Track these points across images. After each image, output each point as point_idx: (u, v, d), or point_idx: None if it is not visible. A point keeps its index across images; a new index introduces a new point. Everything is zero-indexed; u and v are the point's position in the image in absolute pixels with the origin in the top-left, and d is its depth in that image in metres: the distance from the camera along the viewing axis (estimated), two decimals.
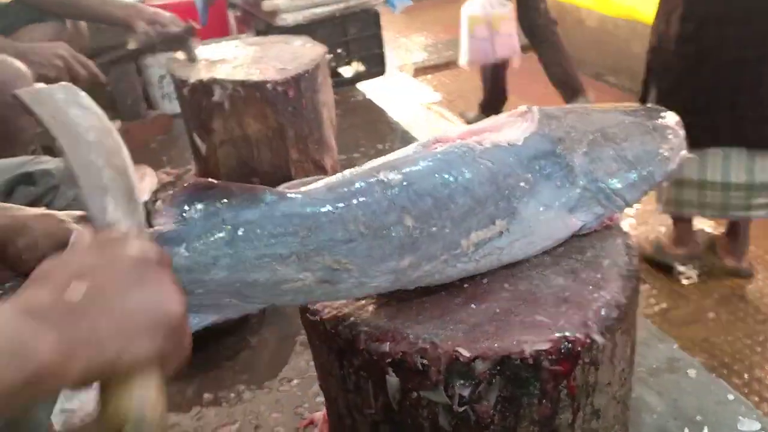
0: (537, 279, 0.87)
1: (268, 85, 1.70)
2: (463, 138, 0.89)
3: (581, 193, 0.91)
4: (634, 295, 0.86)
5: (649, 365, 1.27)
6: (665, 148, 0.95)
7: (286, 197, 0.77)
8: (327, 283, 0.78)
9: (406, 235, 0.80)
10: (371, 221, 0.78)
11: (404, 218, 0.80)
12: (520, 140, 0.90)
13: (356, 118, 2.59)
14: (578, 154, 0.92)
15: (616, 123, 0.99)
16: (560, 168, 0.90)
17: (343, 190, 0.80)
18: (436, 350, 0.77)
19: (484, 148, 0.87)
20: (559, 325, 0.79)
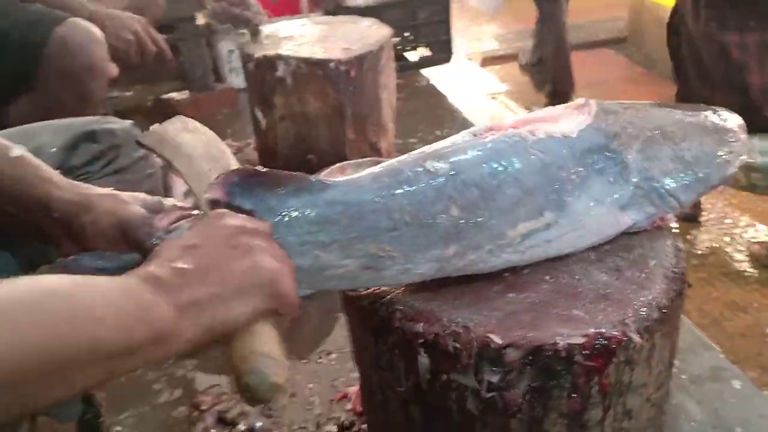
0: (579, 273, 0.86)
1: (331, 63, 1.71)
2: (515, 127, 0.88)
3: (634, 191, 0.90)
4: (678, 298, 0.84)
5: (691, 372, 1.24)
6: (725, 151, 0.93)
7: (329, 186, 0.78)
8: (371, 270, 0.79)
9: (451, 225, 0.80)
10: (416, 210, 0.79)
11: (450, 208, 0.80)
12: (574, 132, 0.89)
13: (418, 103, 2.58)
14: (634, 150, 0.90)
15: (676, 122, 0.96)
16: (614, 164, 0.89)
17: (388, 179, 0.81)
18: (469, 334, 0.77)
19: (537, 138, 0.87)
20: (596, 321, 0.78)
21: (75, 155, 0.85)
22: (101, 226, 0.72)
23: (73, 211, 0.72)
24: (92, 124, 0.89)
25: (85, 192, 0.74)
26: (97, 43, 1.33)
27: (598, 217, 0.88)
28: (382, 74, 1.82)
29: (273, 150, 1.87)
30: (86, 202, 0.72)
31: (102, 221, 0.72)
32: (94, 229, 0.72)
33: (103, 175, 0.87)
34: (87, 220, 0.72)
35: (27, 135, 0.86)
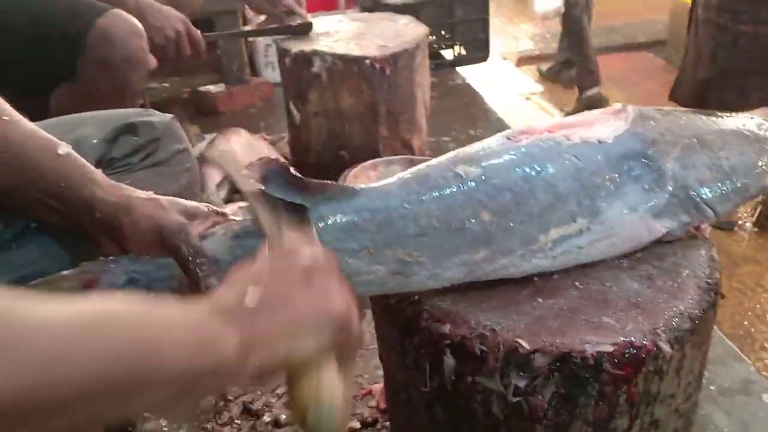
0: (610, 281, 0.85)
1: (367, 60, 1.72)
2: (550, 131, 0.88)
3: (669, 199, 0.88)
4: (710, 309, 0.83)
5: (721, 384, 1.22)
6: (764, 161, 0.91)
7: (357, 193, 0.79)
8: (399, 275, 0.80)
9: (481, 229, 0.80)
10: (445, 216, 0.79)
11: (480, 213, 0.80)
12: (610, 138, 0.88)
13: (452, 101, 2.58)
14: (671, 158, 0.89)
15: (716, 130, 0.94)
16: (650, 171, 0.87)
17: (416, 185, 0.81)
18: (496, 338, 0.77)
19: (572, 143, 0.86)
20: (626, 330, 0.77)
21: (115, 147, 0.87)
22: (140, 230, 0.73)
23: (114, 212, 0.74)
24: (133, 117, 0.91)
25: (126, 194, 0.75)
26: (137, 36, 1.35)
27: (632, 225, 0.87)
28: (417, 72, 1.82)
29: (306, 145, 1.88)
30: (127, 204, 0.74)
31: (141, 225, 0.73)
32: (133, 232, 0.74)
33: (142, 168, 0.88)
34: (127, 222, 0.74)
35: (70, 125, 0.88)
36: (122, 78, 1.34)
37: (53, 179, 0.73)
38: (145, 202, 0.75)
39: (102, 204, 0.74)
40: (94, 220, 0.74)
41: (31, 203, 0.75)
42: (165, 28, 1.63)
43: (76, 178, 0.74)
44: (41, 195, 0.74)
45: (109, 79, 1.33)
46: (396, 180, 0.83)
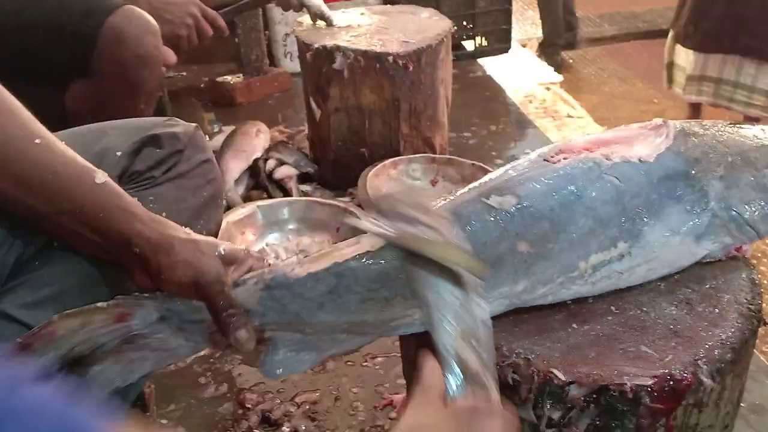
0: (647, 305, 0.82)
1: (389, 57, 1.68)
2: (589, 150, 0.84)
3: (711, 220, 0.85)
4: (752, 337, 0.80)
5: (752, 401, 1.18)
6: None
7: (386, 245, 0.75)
8: None
9: (519, 261, 0.77)
10: (481, 252, 0.76)
11: (517, 244, 0.77)
12: (652, 157, 0.84)
13: (472, 95, 2.53)
14: (714, 177, 0.85)
15: (759, 146, 0.90)
16: (693, 191, 0.84)
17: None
18: (530, 368, 0.74)
19: (612, 163, 0.82)
20: (666, 361, 0.74)
21: (139, 160, 0.85)
22: (177, 274, 0.72)
23: (153, 252, 0.72)
24: (156, 128, 0.88)
25: (167, 233, 0.73)
26: (150, 33, 1.32)
27: (673, 248, 0.83)
28: (440, 69, 1.78)
29: (326, 142, 1.85)
30: (167, 245, 0.72)
31: (178, 270, 0.72)
32: (170, 275, 0.72)
33: (165, 180, 0.86)
34: (164, 263, 0.72)
35: (95, 135, 0.86)
36: (136, 75, 1.32)
37: (91, 210, 0.71)
38: (185, 244, 0.73)
39: (140, 239, 0.72)
40: (131, 254, 0.73)
41: (66, 232, 0.73)
42: (181, 17, 1.59)
43: (113, 210, 0.72)
44: (77, 225, 0.72)
45: (123, 76, 1.31)
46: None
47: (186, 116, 2.44)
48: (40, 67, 1.35)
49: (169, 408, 1.22)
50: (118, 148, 0.83)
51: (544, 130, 2.44)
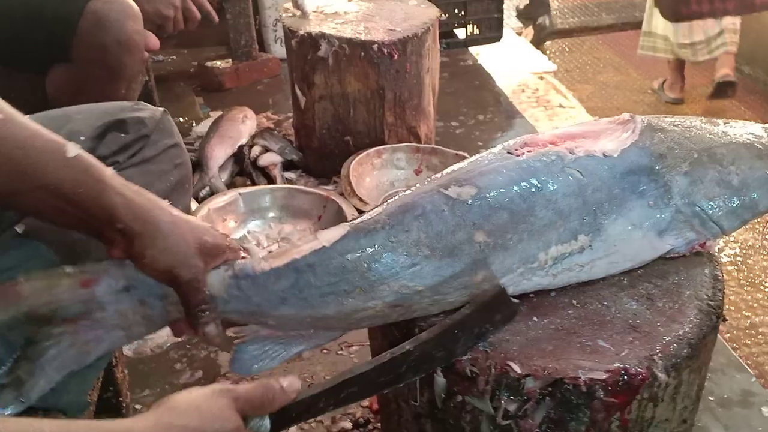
0: (609, 300, 0.83)
1: (374, 45, 1.68)
2: (554, 143, 0.85)
3: (674, 216, 0.85)
4: (711, 333, 0.81)
5: (720, 395, 1.19)
6: None
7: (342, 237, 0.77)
8: (400, 307, 0.78)
9: (477, 251, 0.77)
10: (436, 242, 0.76)
11: (475, 234, 0.77)
12: (617, 152, 0.85)
13: (462, 83, 2.52)
14: (679, 173, 0.86)
15: (727, 142, 0.91)
16: (656, 186, 0.84)
17: (401, 215, 0.78)
18: (487, 360, 0.75)
19: (576, 157, 0.83)
20: (622, 356, 0.74)
21: (103, 145, 0.84)
22: (158, 262, 0.72)
23: (138, 231, 0.71)
24: (123, 112, 0.88)
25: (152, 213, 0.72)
26: (131, 18, 1.32)
27: (635, 242, 0.84)
28: (426, 58, 1.78)
29: (311, 129, 1.85)
30: (153, 228, 0.72)
31: (160, 259, 0.72)
32: (151, 262, 0.72)
33: (129, 165, 0.85)
34: (148, 249, 0.71)
35: (62, 120, 0.85)
36: (116, 60, 1.31)
37: (69, 186, 0.69)
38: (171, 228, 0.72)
39: (124, 216, 0.70)
40: (113, 229, 0.71)
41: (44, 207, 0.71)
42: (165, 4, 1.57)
43: (92, 184, 0.70)
44: (55, 200, 0.70)
45: (103, 61, 1.31)
46: (382, 211, 0.80)
47: (175, 100, 2.46)
48: (20, 52, 1.34)
49: (143, 393, 1.23)
50: (82, 132, 0.83)
51: (535, 120, 2.44)
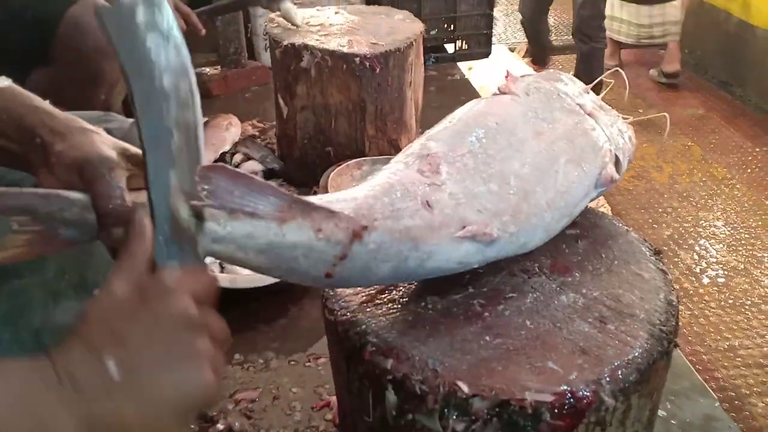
0: (561, 321, 0.83)
1: (356, 58, 1.69)
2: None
3: None
4: (662, 359, 0.81)
5: (683, 419, 1.20)
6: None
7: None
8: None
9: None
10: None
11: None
12: None
13: (448, 98, 2.53)
14: None
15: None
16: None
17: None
18: (436, 379, 0.75)
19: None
20: (569, 379, 0.75)
21: None
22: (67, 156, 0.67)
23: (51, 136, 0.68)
24: (90, 123, 0.89)
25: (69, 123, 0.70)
26: None
27: None
28: (408, 72, 1.79)
29: (292, 139, 1.86)
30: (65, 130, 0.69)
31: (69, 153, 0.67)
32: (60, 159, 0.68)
33: None
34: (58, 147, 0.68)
35: None
36: (96, 66, 1.32)
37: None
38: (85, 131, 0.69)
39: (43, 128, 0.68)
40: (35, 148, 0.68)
41: None
42: None
43: (20, 108, 0.69)
44: None
45: (83, 66, 1.32)
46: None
47: None
48: (0, 53, 1.35)
49: None
50: None
51: None
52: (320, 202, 0.75)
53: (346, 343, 0.84)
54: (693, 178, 3.26)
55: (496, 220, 0.82)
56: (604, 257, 0.94)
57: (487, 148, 0.87)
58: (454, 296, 0.87)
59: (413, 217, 0.78)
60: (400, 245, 0.77)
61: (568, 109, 0.98)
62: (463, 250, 0.82)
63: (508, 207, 0.84)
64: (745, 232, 2.89)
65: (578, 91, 1.04)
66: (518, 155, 0.88)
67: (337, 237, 0.74)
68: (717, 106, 4.01)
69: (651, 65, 4.44)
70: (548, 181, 0.88)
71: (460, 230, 0.80)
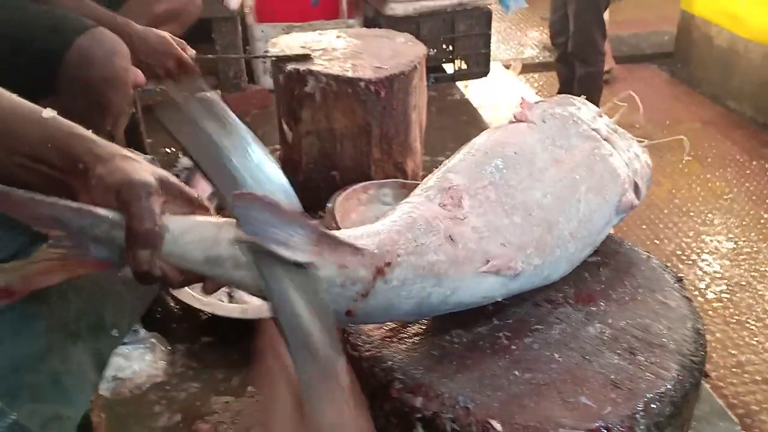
0: (591, 354, 0.82)
1: (361, 83, 1.68)
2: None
3: None
4: (693, 390, 0.80)
5: None
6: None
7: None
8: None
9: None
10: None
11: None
12: None
13: (449, 118, 2.53)
14: None
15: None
16: None
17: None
18: (468, 417, 0.74)
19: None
20: (604, 413, 0.74)
21: None
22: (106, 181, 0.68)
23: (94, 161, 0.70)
24: None
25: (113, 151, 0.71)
26: (118, 56, 1.32)
27: None
28: (412, 95, 1.78)
29: (297, 164, 1.85)
30: (108, 156, 0.70)
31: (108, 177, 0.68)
32: (99, 182, 0.69)
33: None
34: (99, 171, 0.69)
35: None
36: (102, 97, 1.31)
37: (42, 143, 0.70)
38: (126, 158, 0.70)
39: (87, 155, 0.70)
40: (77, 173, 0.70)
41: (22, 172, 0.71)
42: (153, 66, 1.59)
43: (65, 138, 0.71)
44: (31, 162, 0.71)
45: (89, 97, 1.30)
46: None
47: (162, 130, 2.46)
48: (6, 81, 1.34)
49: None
50: None
51: None
52: (345, 238, 0.74)
53: (371, 380, 0.82)
54: (692, 193, 3.27)
55: (521, 254, 0.81)
56: (628, 285, 0.93)
57: (508, 179, 0.86)
58: (479, 329, 0.86)
59: (437, 252, 0.77)
60: (424, 282, 0.76)
61: (584, 135, 0.97)
62: (487, 284, 0.80)
63: (532, 239, 0.83)
64: (747, 246, 2.89)
65: (592, 115, 1.03)
66: (539, 185, 0.87)
67: (360, 274, 0.72)
68: (712, 120, 4.02)
69: (643, 80, 4.45)
70: (570, 211, 0.87)
71: (484, 265, 0.79)
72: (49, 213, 0.67)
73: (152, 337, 1.40)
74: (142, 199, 0.68)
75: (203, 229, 0.71)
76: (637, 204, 0.97)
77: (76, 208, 0.68)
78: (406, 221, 0.80)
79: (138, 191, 0.68)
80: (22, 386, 0.76)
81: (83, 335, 0.82)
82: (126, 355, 1.33)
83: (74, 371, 0.81)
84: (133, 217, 0.67)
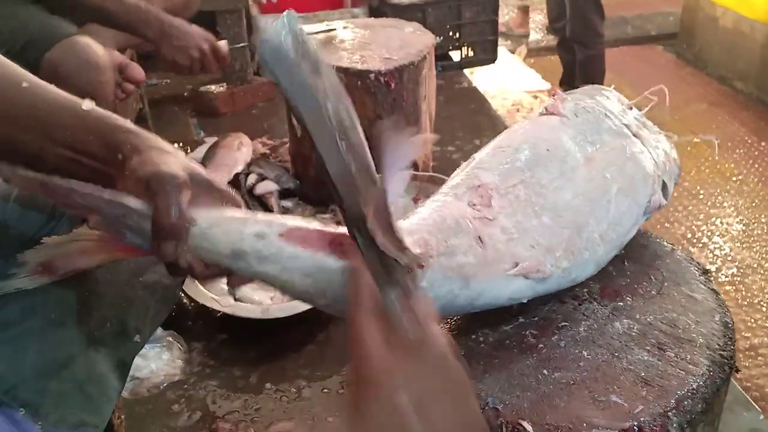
0: (619, 350, 0.81)
1: (371, 75, 1.66)
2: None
3: None
4: (723, 385, 0.79)
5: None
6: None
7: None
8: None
9: None
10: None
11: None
12: None
13: (457, 107, 2.51)
14: None
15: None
16: None
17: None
18: (498, 418, 0.73)
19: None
20: (636, 412, 0.73)
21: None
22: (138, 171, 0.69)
23: (131, 152, 0.70)
24: None
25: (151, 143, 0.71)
26: (90, 69, 1.30)
27: None
28: (422, 85, 1.76)
29: (308, 158, 1.83)
30: (144, 147, 0.70)
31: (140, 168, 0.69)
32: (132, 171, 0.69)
33: None
34: (134, 162, 0.69)
35: None
36: None
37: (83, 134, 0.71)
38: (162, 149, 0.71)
39: (125, 145, 0.70)
40: (116, 164, 0.71)
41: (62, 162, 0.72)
42: (188, 48, 1.60)
43: (104, 128, 0.72)
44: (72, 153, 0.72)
45: None
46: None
47: (169, 124, 2.44)
48: None
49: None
50: None
51: None
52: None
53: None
54: (701, 176, 3.25)
55: (549, 256, 0.80)
56: (654, 279, 0.92)
57: (539, 178, 0.84)
58: (506, 327, 0.85)
59: (466, 253, 0.75)
60: (451, 284, 0.75)
61: (615, 131, 0.95)
62: (514, 287, 0.79)
63: (561, 241, 0.81)
64: (758, 228, 2.88)
65: (621, 108, 1.01)
66: (570, 185, 0.85)
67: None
68: (719, 101, 4.00)
69: (649, 61, 4.42)
70: (600, 213, 0.86)
71: (513, 267, 0.78)
72: (84, 202, 0.69)
73: (169, 336, 1.39)
74: (169, 191, 0.68)
75: (230, 223, 0.70)
76: (664, 204, 0.95)
77: (108, 199, 0.69)
78: (435, 221, 0.78)
79: (165, 184, 0.68)
80: (46, 394, 0.75)
81: (107, 342, 0.82)
82: (143, 355, 1.33)
83: (98, 378, 0.80)
84: (159, 209, 0.67)
